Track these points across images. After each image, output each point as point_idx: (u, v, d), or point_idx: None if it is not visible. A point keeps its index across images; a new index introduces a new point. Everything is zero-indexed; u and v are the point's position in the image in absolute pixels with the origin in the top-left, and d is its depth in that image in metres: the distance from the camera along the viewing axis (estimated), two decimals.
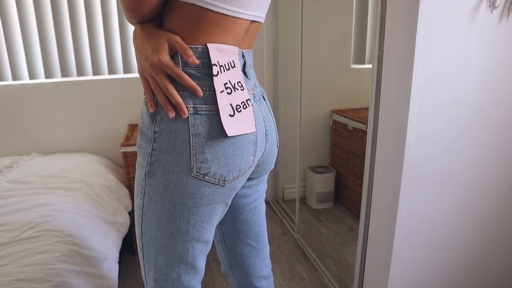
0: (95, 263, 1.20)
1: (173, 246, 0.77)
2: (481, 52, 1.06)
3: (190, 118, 0.69)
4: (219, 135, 0.70)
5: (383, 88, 1.14)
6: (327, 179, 2.36)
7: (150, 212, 0.75)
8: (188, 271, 0.82)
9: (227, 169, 0.72)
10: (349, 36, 2.35)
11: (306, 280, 1.74)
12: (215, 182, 0.72)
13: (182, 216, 0.74)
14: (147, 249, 0.79)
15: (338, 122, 2.37)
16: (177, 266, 0.80)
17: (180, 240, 0.77)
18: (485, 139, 1.16)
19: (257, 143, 0.76)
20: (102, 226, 1.44)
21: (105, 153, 2.19)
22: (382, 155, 1.19)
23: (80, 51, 2.05)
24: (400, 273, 1.23)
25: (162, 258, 0.79)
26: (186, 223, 0.75)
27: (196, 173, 0.70)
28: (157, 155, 0.71)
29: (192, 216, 0.74)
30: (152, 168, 0.72)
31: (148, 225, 0.77)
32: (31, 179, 1.66)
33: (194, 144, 0.69)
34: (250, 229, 0.96)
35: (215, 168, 0.71)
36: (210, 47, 0.69)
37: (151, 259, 0.80)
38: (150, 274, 0.82)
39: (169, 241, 0.77)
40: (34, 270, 1.05)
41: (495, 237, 1.30)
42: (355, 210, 2.30)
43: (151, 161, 0.71)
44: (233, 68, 0.72)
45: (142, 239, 0.80)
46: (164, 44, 0.67)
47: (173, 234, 0.76)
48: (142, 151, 0.74)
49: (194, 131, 0.69)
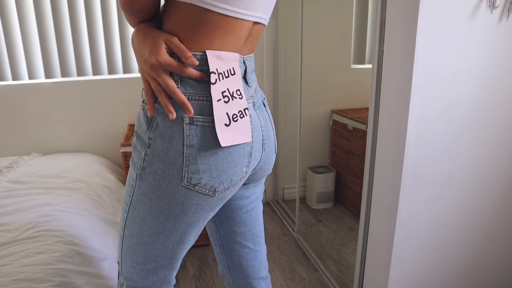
0: (95, 263, 1.20)
1: (154, 244, 0.78)
2: (481, 52, 1.06)
3: (186, 128, 0.67)
4: (213, 146, 0.69)
5: (383, 88, 1.14)
6: (327, 179, 2.36)
7: (137, 211, 0.76)
8: (165, 266, 0.83)
9: (218, 180, 0.71)
10: (349, 36, 2.35)
11: (306, 280, 1.74)
12: (205, 192, 0.71)
13: (168, 220, 0.74)
14: (127, 240, 0.80)
15: (338, 122, 2.37)
16: (155, 260, 0.81)
17: (162, 240, 0.77)
18: (485, 139, 1.16)
19: (252, 154, 0.75)
20: (102, 226, 1.44)
21: (105, 153, 2.19)
22: (382, 155, 1.19)
23: (80, 51, 2.05)
24: (400, 273, 1.23)
25: (141, 252, 0.80)
26: (171, 227, 0.75)
27: (187, 183, 0.69)
28: (149, 160, 0.70)
29: (178, 221, 0.75)
30: (143, 172, 0.71)
31: (132, 221, 0.78)
32: (31, 179, 1.66)
33: (187, 154, 0.68)
34: (247, 231, 0.96)
35: (206, 179, 0.70)
36: (209, 54, 0.66)
37: (130, 250, 0.81)
38: (127, 261, 0.83)
39: (151, 240, 0.77)
40: (34, 270, 1.05)
41: (495, 237, 1.30)
42: (355, 210, 2.30)
43: (143, 166, 0.71)
44: (232, 75, 0.70)
45: (124, 231, 0.80)
46: (161, 44, 0.65)
47: (156, 235, 0.76)
48: (137, 153, 0.73)
49: (189, 141, 0.68)
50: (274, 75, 2.34)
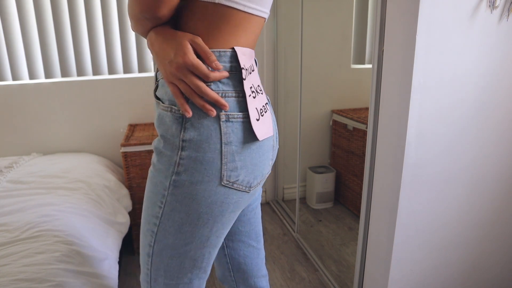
0: (95, 263, 1.20)
1: (191, 253, 0.76)
2: (481, 52, 1.06)
3: (223, 126, 0.67)
4: (248, 142, 0.69)
5: (383, 88, 1.14)
6: (327, 179, 2.36)
7: (171, 221, 0.72)
8: (200, 275, 0.81)
9: (253, 175, 0.72)
10: (349, 36, 2.35)
11: (306, 280, 1.74)
12: (242, 189, 0.71)
13: (207, 225, 0.72)
14: (159, 256, 0.77)
15: (338, 122, 2.37)
16: (190, 272, 0.78)
17: (199, 247, 0.75)
18: (485, 139, 1.16)
19: (274, 147, 0.77)
20: (102, 226, 1.44)
21: (105, 153, 2.19)
22: (382, 155, 1.19)
23: (80, 51, 2.05)
24: (400, 273, 1.23)
25: (175, 264, 0.77)
26: (208, 231, 0.74)
27: (226, 182, 0.69)
28: (185, 164, 0.67)
29: (216, 224, 0.73)
30: (179, 177, 0.68)
31: (164, 234, 0.74)
32: (31, 179, 1.66)
33: (225, 152, 0.67)
34: (252, 229, 0.97)
35: (244, 175, 0.70)
36: (237, 51, 0.67)
37: (162, 266, 0.77)
38: (158, 280, 0.79)
39: (187, 249, 0.75)
40: (34, 270, 1.05)
41: (495, 237, 1.30)
42: (355, 210, 2.30)
43: (177, 171, 0.68)
44: (253, 71, 0.71)
45: (153, 247, 0.76)
46: (187, 44, 0.64)
47: (193, 242, 0.74)
48: (166, 159, 0.69)
49: (226, 139, 0.67)
50: (274, 75, 2.34)
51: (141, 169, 1.83)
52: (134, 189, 1.85)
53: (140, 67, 2.17)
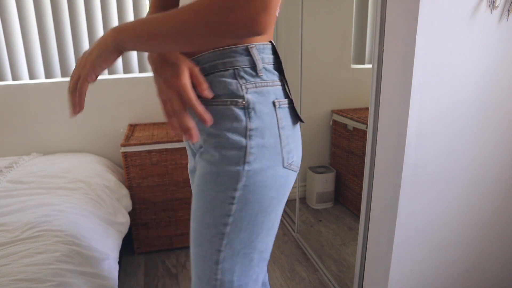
0: (95, 263, 1.20)
1: (259, 245, 0.75)
2: (481, 52, 1.06)
3: (278, 112, 0.71)
4: (293, 125, 0.75)
5: (383, 88, 1.14)
6: (327, 179, 2.36)
7: (244, 214, 0.71)
8: (263, 269, 0.79)
9: (299, 157, 0.78)
10: (349, 36, 2.35)
11: (306, 280, 1.74)
12: (295, 169, 0.76)
13: (274, 210, 0.74)
14: (230, 258, 0.74)
15: (338, 122, 2.37)
16: (257, 265, 0.77)
17: (265, 236, 0.75)
18: (485, 139, 1.16)
19: None
20: (102, 226, 1.44)
21: (105, 153, 2.19)
22: (382, 155, 1.19)
23: (80, 51, 2.05)
24: (400, 273, 1.23)
25: (247, 262, 0.74)
26: (274, 217, 0.75)
27: (287, 164, 0.73)
28: (255, 153, 0.69)
29: (280, 207, 0.76)
30: (250, 167, 0.69)
31: (236, 232, 0.72)
32: (31, 179, 1.66)
33: (282, 136, 0.72)
34: None
35: (296, 156, 0.75)
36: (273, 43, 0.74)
37: (233, 267, 0.74)
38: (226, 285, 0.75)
39: (257, 241, 0.74)
40: (34, 270, 1.05)
41: (495, 237, 1.30)
42: (355, 210, 2.30)
43: (248, 160, 0.68)
44: None
45: (224, 251, 0.73)
46: (185, 69, 0.67)
47: (262, 232, 0.74)
48: (233, 152, 0.69)
49: (281, 123, 0.72)
50: None
51: (141, 169, 1.83)
52: (134, 189, 1.85)
53: (140, 67, 2.17)
